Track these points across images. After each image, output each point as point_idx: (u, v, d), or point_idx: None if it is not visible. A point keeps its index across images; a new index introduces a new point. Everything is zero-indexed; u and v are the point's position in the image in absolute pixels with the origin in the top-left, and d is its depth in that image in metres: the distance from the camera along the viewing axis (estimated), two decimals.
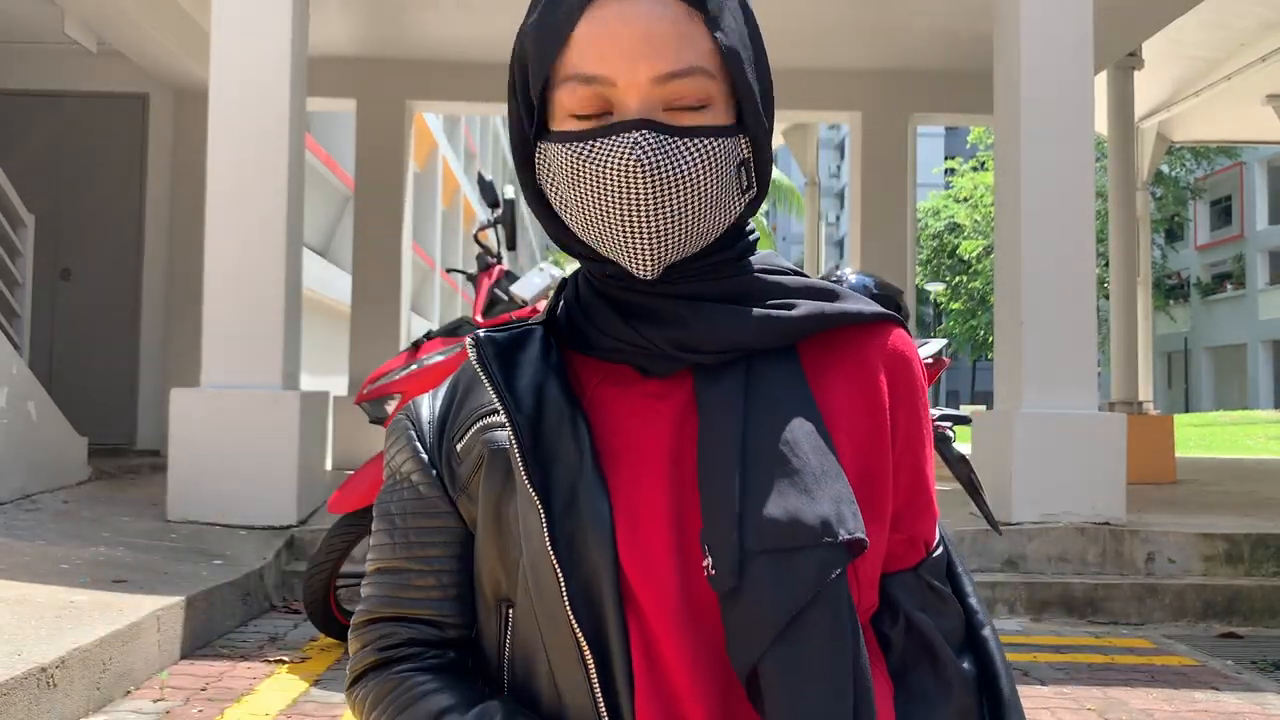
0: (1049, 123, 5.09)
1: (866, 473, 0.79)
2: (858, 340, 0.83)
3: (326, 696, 3.12)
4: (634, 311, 0.81)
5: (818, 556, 0.72)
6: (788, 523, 0.72)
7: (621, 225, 0.76)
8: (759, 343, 0.79)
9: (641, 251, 0.76)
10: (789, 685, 0.72)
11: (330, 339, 11.83)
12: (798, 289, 0.82)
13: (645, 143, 0.74)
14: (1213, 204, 37.92)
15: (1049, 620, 4.49)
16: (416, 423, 0.87)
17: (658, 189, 0.74)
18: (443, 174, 20.10)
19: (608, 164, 0.75)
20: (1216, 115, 10.57)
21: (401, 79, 8.27)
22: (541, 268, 3.85)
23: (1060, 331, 5.04)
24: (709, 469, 0.76)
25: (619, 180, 0.74)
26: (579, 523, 0.76)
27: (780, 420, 0.76)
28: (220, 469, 4.74)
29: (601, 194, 0.76)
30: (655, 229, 0.76)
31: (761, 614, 0.72)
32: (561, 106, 0.78)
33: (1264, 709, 3.27)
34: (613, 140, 0.75)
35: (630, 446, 0.80)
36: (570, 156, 0.77)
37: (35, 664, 2.58)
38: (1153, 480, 7.33)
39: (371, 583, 0.87)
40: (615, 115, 0.76)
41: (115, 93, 8.08)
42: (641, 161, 0.74)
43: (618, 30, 0.75)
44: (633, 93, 0.75)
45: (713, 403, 0.78)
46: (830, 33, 7.56)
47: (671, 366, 0.81)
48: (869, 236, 8.50)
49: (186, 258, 7.47)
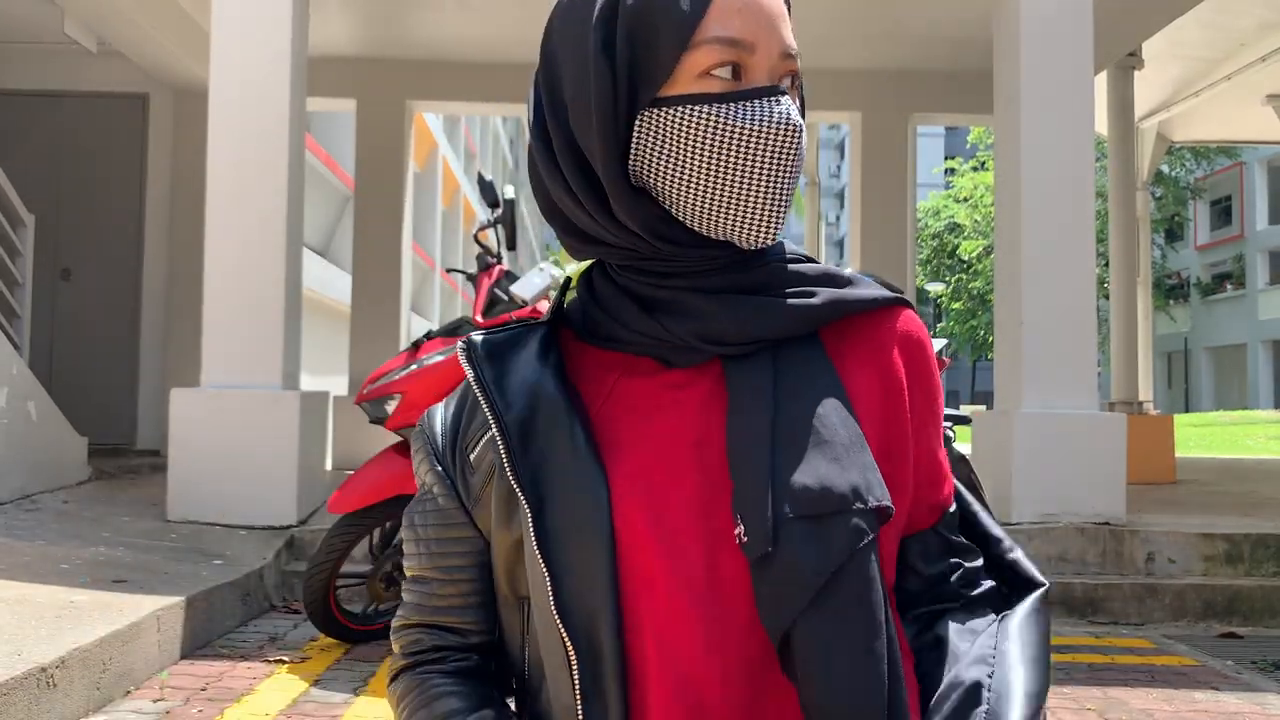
0: (1049, 123, 5.09)
1: (887, 449, 0.82)
2: (872, 324, 0.85)
3: (326, 696, 3.12)
4: (657, 305, 0.82)
5: (849, 522, 0.74)
6: (819, 490, 0.74)
7: (761, 188, 0.77)
8: (783, 332, 0.81)
9: (770, 216, 0.78)
10: (824, 647, 0.73)
11: (330, 339, 11.83)
12: (815, 277, 0.84)
13: (794, 108, 0.78)
14: (1213, 204, 37.91)
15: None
16: (431, 433, 0.88)
17: (797, 155, 0.78)
18: (443, 174, 20.10)
19: (764, 124, 0.77)
20: (1216, 115, 10.56)
21: (401, 79, 8.27)
22: (541, 268, 3.84)
23: (1060, 331, 5.04)
24: (739, 445, 0.77)
25: (774, 140, 0.77)
26: (570, 516, 0.77)
27: (810, 401, 0.78)
28: (220, 469, 4.74)
29: (750, 154, 0.77)
30: (784, 195, 0.78)
31: (796, 578, 0.73)
32: (692, 68, 0.77)
33: (1264, 709, 3.27)
34: (766, 102, 0.77)
35: (654, 434, 0.81)
36: (715, 117, 0.77)
37: (35, 664, 2.58)
38: (1153, 480, 7.33)
39: (406, 589, 0.91)
40: (745, 83, 0.78)
41: (115, 93, 8.08)
42: (794, 124, 0.77)
43: (757, 2, 0.78)
44: (765, 61, 0.78)
45: (743, 388, 0.79)
46: (830, 33, 7.56)
47: (695, 358, 0.82)
48: (869, 236, 8.50)
49: (186, 258, 7.47)
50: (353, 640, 3.67)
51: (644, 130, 0.79)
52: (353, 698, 3.11)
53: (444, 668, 0.87)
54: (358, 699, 3.10)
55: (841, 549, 0.73)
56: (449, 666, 0.87)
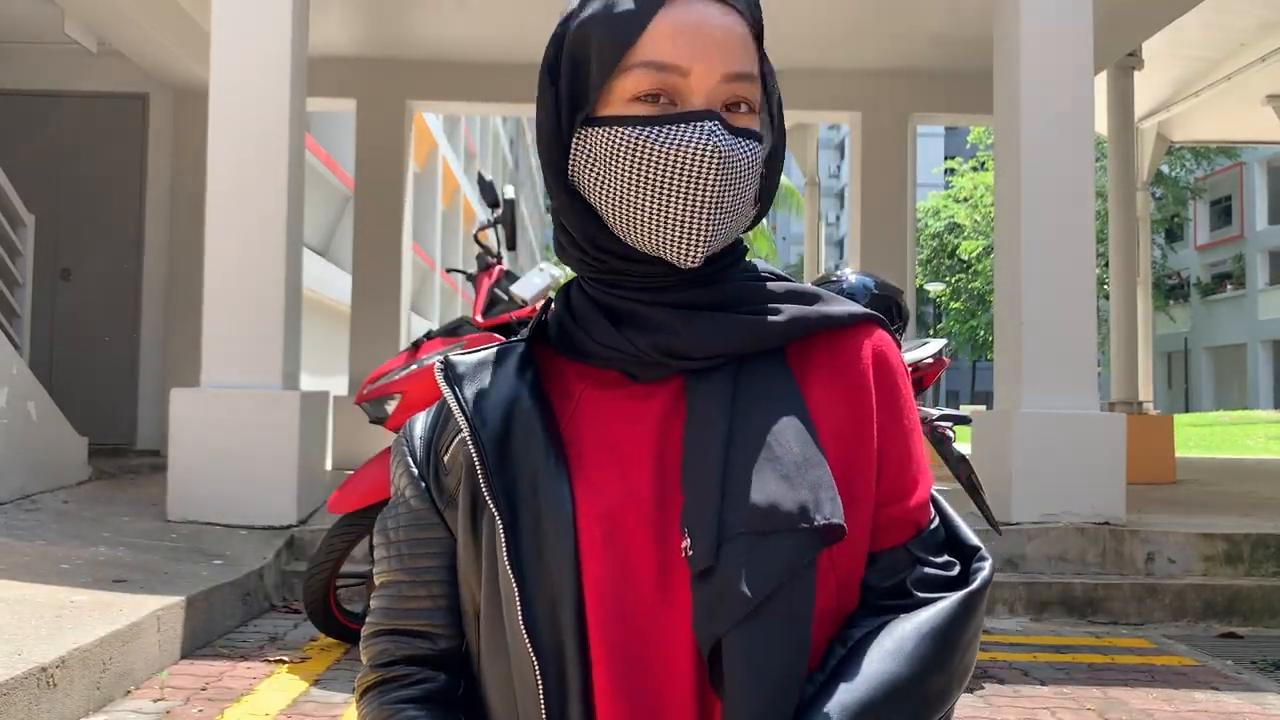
0: (1049, 123, 5.09)
1: (848, 464, 0.81)
2: (839, 340, 0.86)
3: (326, 696, 3.13)
4: (625, 319, 0.83)
5: (793, 541, 0.75)
6: (767, 507, 0.75)
7: (682, 210, 0.78)
8: (746, 348, 0.82)
9: (694, 237, 0.79)
10: (747, 663, 0.74)
11: (330, 339, 11.83)
12: (782, 294, 0.85)
13: (718, 133, 0.78)
14: (1213, 204, 37.90)
15: (1049, 620, 4.49)
16: (410, 439, 0.90)
17: (721, 179, 0.78)
18: (443, 174, 20.09)
19: (682, 150, 0.77)
20: (1216, 115, 10.56)
21: (401, 79, 8.27)
22: (541, 268, 3.85)
23: (1060, 331, 5.04)
24: (693, 457, 0.78)
25: (693, 165, 0.77)
26: (542, 535, 0.78)
27: (767, 414, 0.79)
28: (220, 469, 4.74)
29: (669, 178, 0.78)
30: (709, 218, 0.79)
31: (732, 593, 0.73)
32: (622, 91, 0.80)
33: (1264, 709, 3.27)
34: (689, 127, 0.78)
35: (614, 444, 0.82)
36: (635, 140, 0.79)
37: (35, 664, 2.58)
38: (1153, 480, 7.33)
39: (376, 596, 0.91)
40: (679, 107, 0.79)
41: (115, 93, 8.08)
42: (717, 149, 0.77)
43: (696, 26, 0.79)
44: (703, 85, 0.79)
45: (701, 399, 0.81)
46: (830, 33, 7.56)
47: (659, 373, 0.83)
48: (869, 236, 8.50)
49: (186, 258, 7.47)
50: (353, 640, 3.67)
51: (579, 148, 0.82)
52: (353, 698, 3.11)
53: (413, 693, 0.86)
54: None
55: (783, 568, 0.74)
56: (417, 691, 0.86)
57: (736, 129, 0.79)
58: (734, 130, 0.79)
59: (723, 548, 0.74)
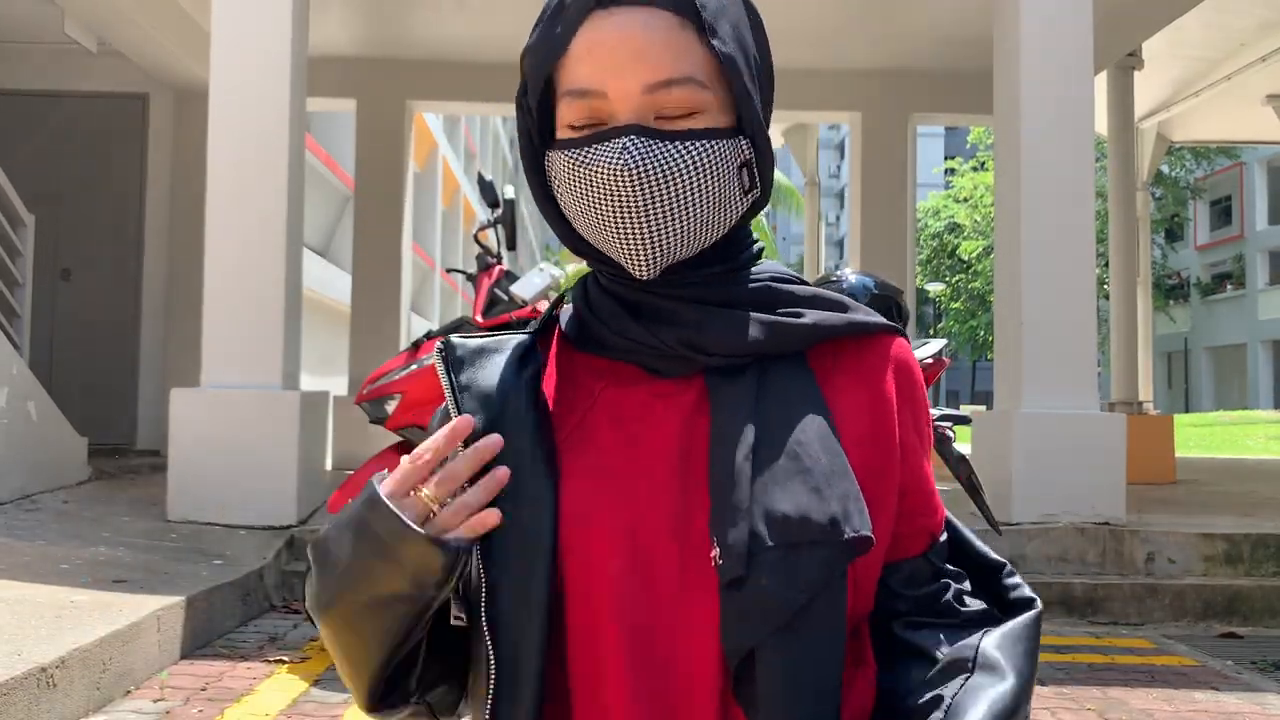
0: (1049, 123, 5.09)
1: (872, 472, 0.81)
2: (863, 349, 0.86)
3: (326, 696, 3.12)
4: (646, 312, 0.83)
5: (824, 553, 0.75)
6: (798, 518, 0.74)
7: (615, 228, 0.79)
8: (770, 348, 0.82)
9: (636, 253, 0.79)
10: (787, 673, 0.74)
11: (330, 339, 11.83)
12: (807, 298, 0.85)
13: (632, 147, 0.77)
14: (1213, 204, 37.90)
15: (1049, 620, 4.49)
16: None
17: (645, 191, 0.77)
18: (443, 174, 20.09)
19: (598, 170, 0.78)
20: (1216, 115, 10.56)
21: (401, 79, 8.27)
22: (541, 268, 3.85)
23: (1060, 331, 5.04)
24: (721, 464, 0.78)
25: (608, 185, 0.78)
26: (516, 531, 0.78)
27: (792, 420, 0.79)
28: (220, 469, 4.74)
29: (597, 198, 0.79)
30: (647, 230, 0.79)
31: (766, 605, 0.73)
32: (561, 119, 0.82)
33: (1264, 709, 3.27)
34: (602, 147, 0.78)
35: (637, 442, 0.81)
36: (568, 164, 0.80)
37: (35, 664, 2.58)
38: (1153, 480, 7.33)
39: None
40: (608, 125, 0.79)
41: (115, 93, 8.08)
42: (628, 165, 0.77)
43: (610, 45, 0.78)
44: (623, 103, 0.78)
45: (726, 402, 0.80)
46: (830, 33, 7.56)
47: (683, 367, 0.83)
48: (869, 236, 8.50)
49: (186, 258, 7.46)
50: None
51: (549, 172, 0.84)
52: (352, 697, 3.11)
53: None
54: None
55: (814, 581, 0.74)
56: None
57: (670, 133, 0.78)
58: (666, 135, 0.78)
59: (753, 559, 0.74)
